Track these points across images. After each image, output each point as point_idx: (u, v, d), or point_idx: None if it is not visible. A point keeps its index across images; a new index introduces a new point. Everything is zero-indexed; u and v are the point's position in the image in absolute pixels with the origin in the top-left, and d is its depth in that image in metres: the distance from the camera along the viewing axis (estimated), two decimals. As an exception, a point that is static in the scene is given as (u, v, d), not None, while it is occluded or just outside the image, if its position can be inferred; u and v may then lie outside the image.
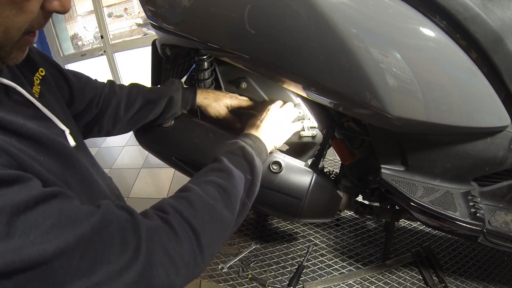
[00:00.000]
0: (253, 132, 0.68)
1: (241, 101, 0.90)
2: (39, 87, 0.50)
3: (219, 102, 0.86)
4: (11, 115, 0.38)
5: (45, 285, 0.29)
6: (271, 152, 0.75)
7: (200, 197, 0.45)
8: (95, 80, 0.75)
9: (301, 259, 1.16)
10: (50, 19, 0.43)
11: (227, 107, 0.87)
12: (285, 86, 0.73)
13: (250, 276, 1.12)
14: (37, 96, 0.48)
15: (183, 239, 0.41)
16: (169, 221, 0.41)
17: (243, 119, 0.89)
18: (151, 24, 0.83)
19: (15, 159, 0.34)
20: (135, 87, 0.78)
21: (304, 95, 0.73)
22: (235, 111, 0.89)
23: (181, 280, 0.40)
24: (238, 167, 0.53)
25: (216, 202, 0.46)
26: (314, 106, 0.93)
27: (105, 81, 0.77)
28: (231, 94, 0.90)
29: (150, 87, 0.82)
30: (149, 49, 1.01)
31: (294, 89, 0.73)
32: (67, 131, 0.48)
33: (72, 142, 0.49)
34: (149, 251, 0.37)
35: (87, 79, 0.71)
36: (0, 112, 0.37)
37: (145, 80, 1.08)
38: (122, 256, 0.35)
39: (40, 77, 0.50)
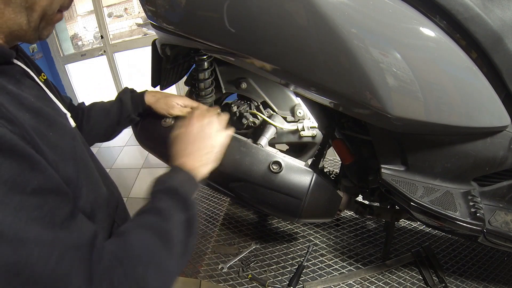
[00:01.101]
0: (184, 163, 0.62)
1: (192, 102, 0.89)
2: (43, 85, 0.54)
3: (167, 98, 0.86)
4: (26, 93, 0.44)
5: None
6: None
7: (143, 245, 0.43)
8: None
9: (301, 259, 1.16)
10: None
11: (177, 104, 0.87)
12: (285, 86, 0.73)
13: (250, 276, 1.12)
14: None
15: None
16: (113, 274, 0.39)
17: None
18: (151, 24, 0.83)
19: (28, 133, 0.37)
20: (93, 103, 0.84)
21: (304, 95, 0.73)
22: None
23: None
24: (174, 209, 0.50)
25: (159, 251, 0.45)
26: (314, 106, 0.93)
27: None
28: (182, 95, 0.90)
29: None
30: (149, 49, 1.02)
31: (294, 89, 0.73)
32: (68, 114, 0.54)
33: (73, 123, 0.54)
34: None
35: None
36: (18, 89, 0.42)
37: (145, 80, 1.08)
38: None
39: (43, 80, 0.54)
